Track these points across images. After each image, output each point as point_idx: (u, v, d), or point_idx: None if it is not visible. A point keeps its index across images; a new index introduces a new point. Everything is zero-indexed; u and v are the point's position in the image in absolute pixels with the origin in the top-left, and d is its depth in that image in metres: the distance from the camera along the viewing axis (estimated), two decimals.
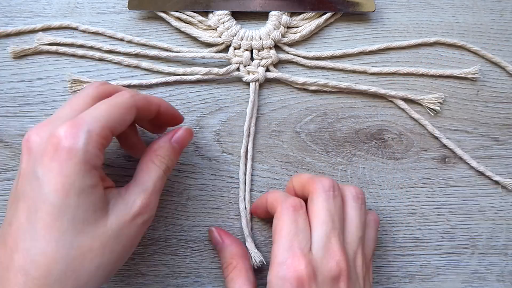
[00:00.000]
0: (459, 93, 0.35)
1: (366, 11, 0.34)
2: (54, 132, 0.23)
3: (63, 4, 0.35)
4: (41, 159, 0.23)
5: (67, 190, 0.23)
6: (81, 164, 0.23)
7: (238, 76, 0.34)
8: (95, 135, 0.24)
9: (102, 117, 0.24)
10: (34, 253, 0.22)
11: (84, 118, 0.24)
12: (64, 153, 0.23)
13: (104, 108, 0.25)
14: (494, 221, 0.35)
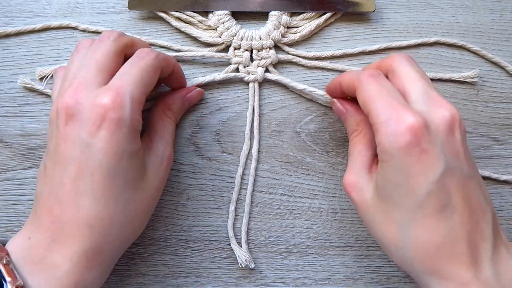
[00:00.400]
0: (459, 93, 0.35)
1: (366, 11, 0.34)
2: (98, 101, 0.24)
3: (63, 4, 0.35)
4: (88, 128, 0.24)
5: (120, 156, 0.25)
6: (128, 132, 0.25)
7: (237, 77, 0.34)
8: (136, 103, 0.25)
9: (138, 83, 0.26)
10: (97, 209, 0.25)
11: (123, 86, 0.25)
12: (113, 124, 0.24)
13: (137, 73, 0.26)
14: None
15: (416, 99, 0.26)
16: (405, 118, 0.24)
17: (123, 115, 0.24)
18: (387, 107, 0.25)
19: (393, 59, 0.28)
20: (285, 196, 0.34)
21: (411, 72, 0.27)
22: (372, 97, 0.26)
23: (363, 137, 0.29)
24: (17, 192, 0.34)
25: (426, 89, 0.26)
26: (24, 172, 0.34)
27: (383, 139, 0.25)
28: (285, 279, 0.34)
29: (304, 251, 0.34)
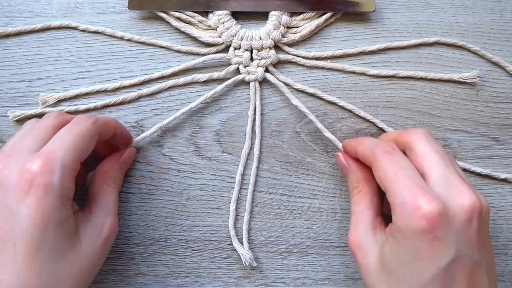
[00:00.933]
0: (459, 93, 0.35)
1: (366, 11, 0.34)
2: (27, 166, 0.24)
3: (63, 4, 0.35)
4: (15, 194, 0.24)
5: (46, 224, 0.24)
6: (57, 199, 0.24)
7: (237, 79, 0.34)
8: (68, 169, 0.25)
9: (71, 149, 0.25)
10: (17, 284, 0.23)
11: (54, 152, 0.25)
12: (41, 189, 0.23)
13: (71, 139, 0.26)
14: (494, 221, 0.35)
15: (436, 182, 0.25)
16: (422, 203, 0.23)
17: (52, 181, 0.24)
18: (404, 189, 0.24)
19: (410, 135, 0.28)
20: (285, 196, 0.34)
21: (430, 152, 0.26)
22: (387, 176, 0.26)
23: (363, 196, 0.30)
24: None
25: (446, 172, 0.25)
26: None
27: (398, 220, 0.25)
28: (285, 279, 0.34)
29: (304, 251, 0.34)
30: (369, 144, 0.28)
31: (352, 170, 0.31)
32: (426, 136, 0.27)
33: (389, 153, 0.26)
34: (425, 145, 0.27)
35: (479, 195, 0.25)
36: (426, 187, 0.25)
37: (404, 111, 0.35)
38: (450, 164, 0.26)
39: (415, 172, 0.25)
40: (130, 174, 0.34)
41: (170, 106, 0.34)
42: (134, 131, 0.34)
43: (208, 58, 0.34)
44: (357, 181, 0.30)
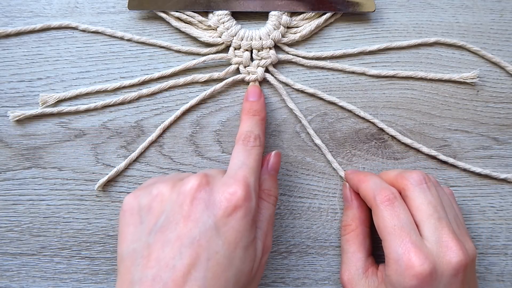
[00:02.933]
0: (459, 93, 0.35)
1: (366, 11, 0.34)
2: (231, 190, 0.25)
3: (63, 4, 0.35)
4: (218, 213, 0.25)
5: (236, 244, 0.25)
6: (251, 221, 0.26)
7: (236, 78, 0.34)
8: (256, 193, 0.27)
9: (256, 173, 0.27)
10: None
11: (248, 178, 0.26)
12: (242, 212, 0.25)
13: (253, 163, 0.28)
14: (494, 221, 0.35)
15: (428, 236, 0.27)
16: (414, 263, 0.26)
17: (251, 205, 0.26)
18: (399, 245, 0.26)
19: (407, 182, 0.29)
20: (285, 196, 0.34)
21: (423, 204, 0.28)
22: (386, 228, 0.27)
23: (356, 237, 0.31)
24: (17, 192, 0.34)
25: (438, 226, 0.27)
26: (24, 172, 0.34)
27: (392, 274, 0.27)
28: (285, 279, 0.34)
29: (304, 251, 0.34)
30: (372, 185, 0.29)
31: (352, 207, 0.32)
32: (420, 183, 0.28)
33: (390, 202, 0.28)
34: (419, 195, 0.28)
35: (467, 246, 0.27)
36: (420, 244, 0.26)
37: (404, 111, 0.35)
38: (443, 217, 0.27)
39: (411, 227, 0.27)
40: (130, 174, 0.34)
41: (170, 106, 0.34)
42: (134, 131, 0.34)
43: (208, 58, 0.34)
44: (353, 219, 0.31)
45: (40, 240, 0.34)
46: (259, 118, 0.31)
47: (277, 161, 0.32)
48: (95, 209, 0.34)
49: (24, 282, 0.34)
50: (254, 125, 0.30)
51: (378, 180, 0.30)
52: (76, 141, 0.34)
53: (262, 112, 0.31)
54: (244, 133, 0.29)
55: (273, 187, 0.30)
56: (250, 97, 0.32)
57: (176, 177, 0.28)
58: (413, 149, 0.35)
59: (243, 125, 0.30)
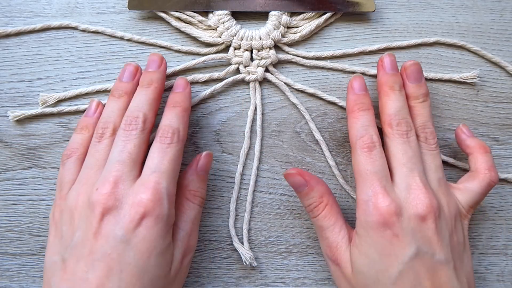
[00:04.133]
0: (459, 93, 0.35)
1: (366, 11, 0.34)
2: (138, 198, 0.25)
3: (63, 4, 0.35)
4: (126, 225, 0.25)
5: (150, 252, 0.25)
6: (164, 228, 0.26)
7: (236, 78, 0.34)
8: (171, 197, 0.26)
9: (172, 177, 0.27)
10: None
11: (160, 183, 0.26)
12: (152, 220, 0.25)
13: (168, 165, 0.27)
14: (494, 221, 0.35)
15: (398, 183, 0.28)
16: (381, 203, 0.27)
17: (162, 212, 0.25)
18: (369, 188, 0.27)
19: (391, 129, 0.29)
20: (285, 196, 0.34)
21: (398, 153, 0.28)
22: (360, 172, 0.28)
23: (331, 209, 0.30)
24: (17, 192, 0.34)
25: (408, 175, 0.28)
26: (24, 172, 0.34)
27: (360, 216, 0.28)
28: (285, 279, 0.34)
29: (304, 251, 0.34)
30: (359, 127, 0.29)
31: (313, 186, 0.31)
32: (402, 135, 0.29)
33: (369, 149, 0.28)
34: (397, 145, 0.29)
35: (443, 201, 0.28)
36: (389, 189, 0.27)
37: None
38: (417, 168, 0.28)
39: (384, 173, 0.28)
40: None
41: None
42: None
43: (208, 58, 0.34)
44: (321, 195, 0.31)
45: (40, 240, 0.34)
46: (180, 110, 0.29)
47: (207, 161, 0.31)
48: None
49: (24, 282, 0.34)
50: (174, 117, 0.29)
51: (367, 121, 0.29)
52: None
53: (185, 102, 0.30)
54: (162, 127, 0.28)
55: (200, 187, 0.30)
56: (175, 88, 0.31)
57: (91, 178, 0.27)
58: None
59: (163, 118, 0.29)
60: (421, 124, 0.30)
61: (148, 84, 0.30)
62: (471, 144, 0.31)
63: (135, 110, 0.29)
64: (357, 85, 0.31)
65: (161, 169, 0.27)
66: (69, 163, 0.29)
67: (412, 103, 0.31)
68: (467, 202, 0.30)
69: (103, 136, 0.29)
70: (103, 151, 0.28)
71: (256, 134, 0.34)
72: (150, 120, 0.29)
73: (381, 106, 0.31)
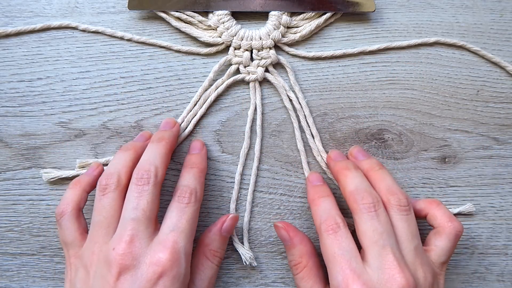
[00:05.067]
0: (459, 93, 0.35)
1: (366, 11, 0.34)
2: (156, 258, 0.25)
3: (63, 4, 0.35)
4: (142, 284, 0.25)
5: None
6: (180, 287, 0.26)
7: (237, 78, 0.34)
8: (188, 256, 0.27)
9: (189, 236, 0.27)
10: None
11: (178, 242, 0.26)
12: (169, 281, 0.25)
13: (186, 224, 0.27)
14: (494, 221, 0.35)
15: (371, 263, 0.26)
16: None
17: (179, 272, 0.26)
18: (339, 272, 0.26)
19: (357, 205, 0.28)
20: (285, 196, 0.34)
21: (368, 230, 0.27)
22: (327, 256, 0.27)
23: (309, 271, 0.30)
24: (17, 192, 0.34)
25: (381, 253, 0.26)
26: (24, 172, 0.34)
27: None
28: (285, 279, 0.34)
29: None
30: (320, 212, 0.29)
31: (295, 244, 0.31)
32: (369, 210, 0.28)
33: (333, 231, 0.28)
34: (365, 221, 0.28)
35: (419, 274, 0.27)
36: (360, 271, 0.26)
37: (404, 111, 0.35)
38: (389, 244, 0.27)
39: (352, 254, 0.27)
40: None
41: (170, 106, 0.34)
42: (134, 131, 0.34)
43: (214, 69, 0.34)
44: (300, 255, 0.30)
45: (40, 240, 0.34)
46: (197, 170, 0.30)
47: (232, 224, 0.32)
48: None
49: (24, 282, 0.34)
50: (191, 178, 0.29)
51: (328, 205, 0.30)
52: (76, 141, 0.34)
53: (201, 164, 0.31)
54: (180, 188, 0.29)
55: (220, 248, 0.31)
56: (191, 150, 0.32)
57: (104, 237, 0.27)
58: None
59: (180, 179, 0.30)
60: (386, 188, 0.29)
61: (159, 140, 0.30)
62: (421, 205, 0.31)
63: (146, 163, 0.28)
64: (314, 178, 0.32)
65: (180, 228, 0.27)
66: (64, 221, 0.29)
67: (370, 174, 0.31)
68: (439, 260, 0.29)
69: (106, 189, 0.28)
70: (109, 206, 0.28)
71: (256, 134, 0.34)
72: (162, 174, 0.28)
73: (342, 188, 0.30)
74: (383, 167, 0.31)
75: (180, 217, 0.27)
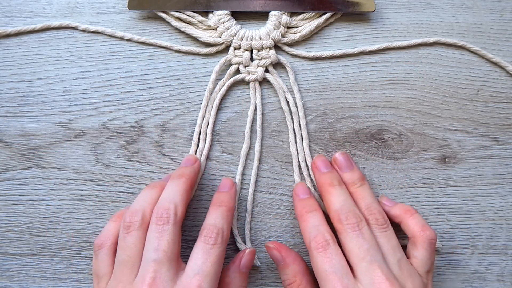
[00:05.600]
0: (459, 93, 0.35)
1: (366, 11, 0.34)
2: None
3: (63, 4, 0.35)
4: None
5: None
6: None
7: (237, 78, 0.34)
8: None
9: (214, 280, 0.27)
10: None
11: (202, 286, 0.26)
12: None
13: (211, 268, 0.27)
14: (494, 221, 0.35)
15: (361, 279, 0.27)
16: None
17: None
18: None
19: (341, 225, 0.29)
20: (285, 196, 0.34)
21: (355, 248, 0.28)
22: (319, 273, 0.28)
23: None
24: (17, 192, 0.34)
25: (369, 269, 0.27)
26: (24, 172, 0.34)
27: None
28: None
29: (304, 251, 0.34)
30: (310, 228, 0.29)
31: (288, 264, 0.31)
32: (353, 229, 0.28)
33: (323, 249, 0.28)
34: (351, 240, 0.28)
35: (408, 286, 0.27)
36: (352, 287, 0.27)
37: (404, 111, 0.35)
38: (376, 259, 0.27)
39: (344, 271, 0.27)
40: (131, 174, 0.34)
41: (170, 106, 0.34)
42: (134, 131, 0.34)
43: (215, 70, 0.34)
44: (294, 275, 0.30)
45: (40, 240, 0.34)
46: (225, 209, 0.30)
47: (250, 259, 0.31)
48: (95, 209, 0.34)
49: (24, 282, 0.34)
50: (219, 217, 0.29)
51: (317, 220, 0.30)
52: (76, 141, 0.34)
53: (230, 202, 0.30)
54: (207, 227, 0.28)
55: (242, 285, 0.31)
56: (220, 188, 0.32)
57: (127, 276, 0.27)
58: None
59: (208, 216, 0.30)
60: (366, 207, 0.30)
61: (179, 177, 0.30)
62: (396, 212, 0.31)
63: (165, 201, 0.28)
64: (300, 190, 0.32)
65: (204, 271, 0.26)
66: (102, 254, 0.29)
67: (351, 190, 0.31)
68: (423, 269, 0.29)
69: (130, 227, 0.28)
70: (133, 245, 0.27)
71: (256, 134, 0.34)
72: (182, 211, 0.28)
73: (326, 205, 0.31)
74: (364, 181, 0.32)
75: (205, 260, 0.27)
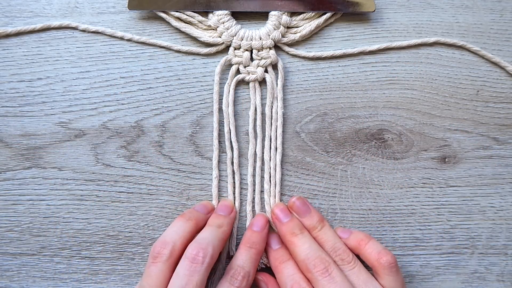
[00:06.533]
0: (459, 93, 0.35)
1: (366, 11, 0.34)
2: None
3: (63, 4, 0.35)
4: None
5: None
6: None
7: (237, 79, 0.34)
8: None
9: None
10: None
11: None
12: None
13: None
14: (494, 221, 0.35)
15: None
16: None
17: None
18: None
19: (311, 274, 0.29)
20: (285, 196, 0.34)
21: None
22: None
23: None
24: (17, 192, 0.34)
25: None
26: (24, 172, 0.34)
27: None
28: None
29: None
30: (285, 278, 0.30)
31: None
32: (323, 274, 0.29)
33: None
34: (323, 287, 0.28)
35: None
36: None
37: (404, 111, 0.35)
38: None
39: None
40: (130, 174, 0.34)
41: (170, 106, 0.34)
42: (134, 131, 0.34)
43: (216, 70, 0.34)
44: None
45: (40, 240, 0.34)
46: (255, 252, 0.30)
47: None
48: (95, 209, 0.34)
49: (24, 282, 0.34)
50: (247, 260, 0.29)
51: (291, 270, 0.30)
52: (76, 141, 0.34)
53: (261, 245, 0.31)
54: (234, 267, 0.29)
55: None
56: (253, 226, 0.32)
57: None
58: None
59: (237, 256, 0.30)
60: (331, 249, 0.31)
61: (219, 226, 0.30)
62: (351, 244, 0.32)
63: (204, 242, 0.28)
64: (275, 241, 0.32)
65: None
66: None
67: (313, 234, 0.32)
68: None
69: (157, 257, 0.28)
70: (156, 277, 0.27)
71: (256, 134, 0.34)
72: (215, 258, 0.28)
73: (293, 255, 0.31)
74: (324, 222, 0.32)
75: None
